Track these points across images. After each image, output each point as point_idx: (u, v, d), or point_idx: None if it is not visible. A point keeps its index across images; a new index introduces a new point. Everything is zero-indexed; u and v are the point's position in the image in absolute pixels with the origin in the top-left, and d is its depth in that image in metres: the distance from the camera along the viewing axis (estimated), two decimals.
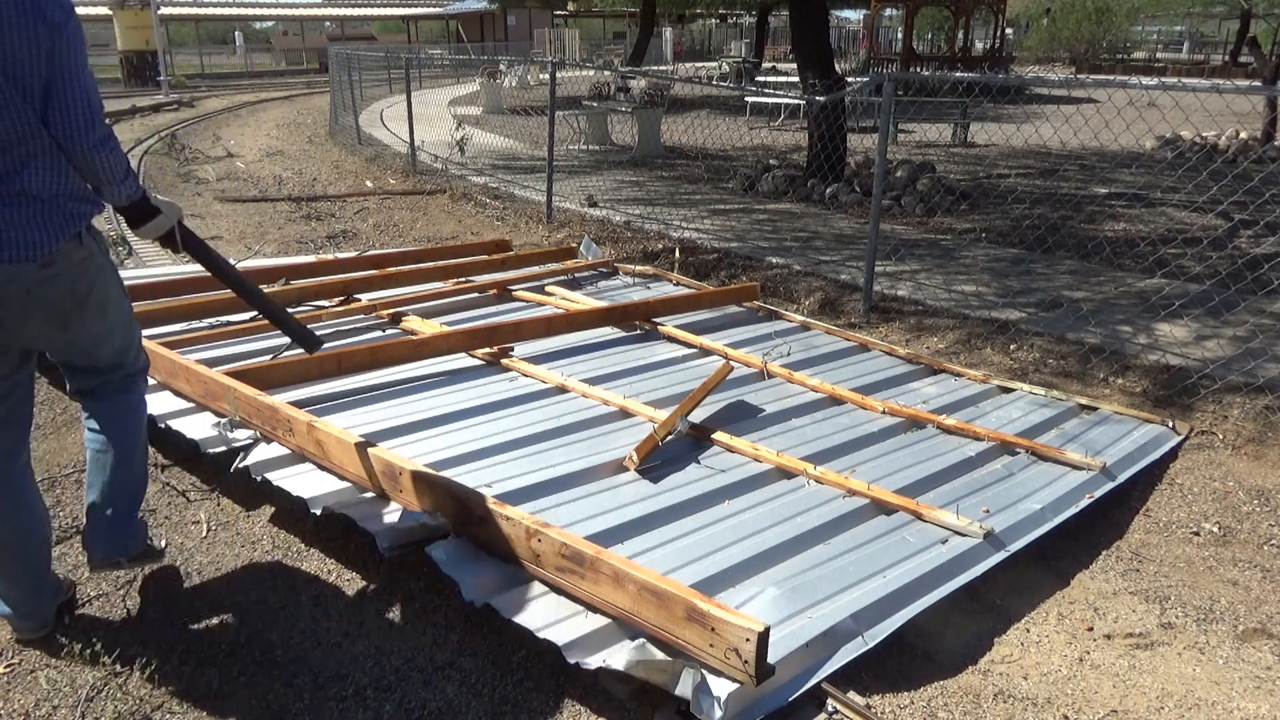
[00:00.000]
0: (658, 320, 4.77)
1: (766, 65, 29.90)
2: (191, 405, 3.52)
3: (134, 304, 4.52)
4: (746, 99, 17.64)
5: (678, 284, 5.65)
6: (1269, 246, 7.09)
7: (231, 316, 4.62)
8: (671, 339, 4.63)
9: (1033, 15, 41.45)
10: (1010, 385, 4.30)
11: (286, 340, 4.29)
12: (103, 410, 2.56)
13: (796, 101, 12.15)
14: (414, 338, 4.14)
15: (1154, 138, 13.01)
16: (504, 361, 4.14)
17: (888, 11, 32.93)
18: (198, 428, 3.33)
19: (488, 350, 4.21)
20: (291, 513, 3.19)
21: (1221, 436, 3.97)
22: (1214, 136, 13.06)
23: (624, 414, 3.68)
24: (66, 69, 2.19)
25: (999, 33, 26.34)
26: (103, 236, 2.50)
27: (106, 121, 2.32)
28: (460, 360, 4.17)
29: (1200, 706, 2.40)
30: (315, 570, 2.94)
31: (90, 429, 2.58)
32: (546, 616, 2.40)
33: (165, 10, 31.96)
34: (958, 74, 6.88)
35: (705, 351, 4.47)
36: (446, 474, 2.88)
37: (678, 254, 6.63)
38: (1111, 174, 10.96)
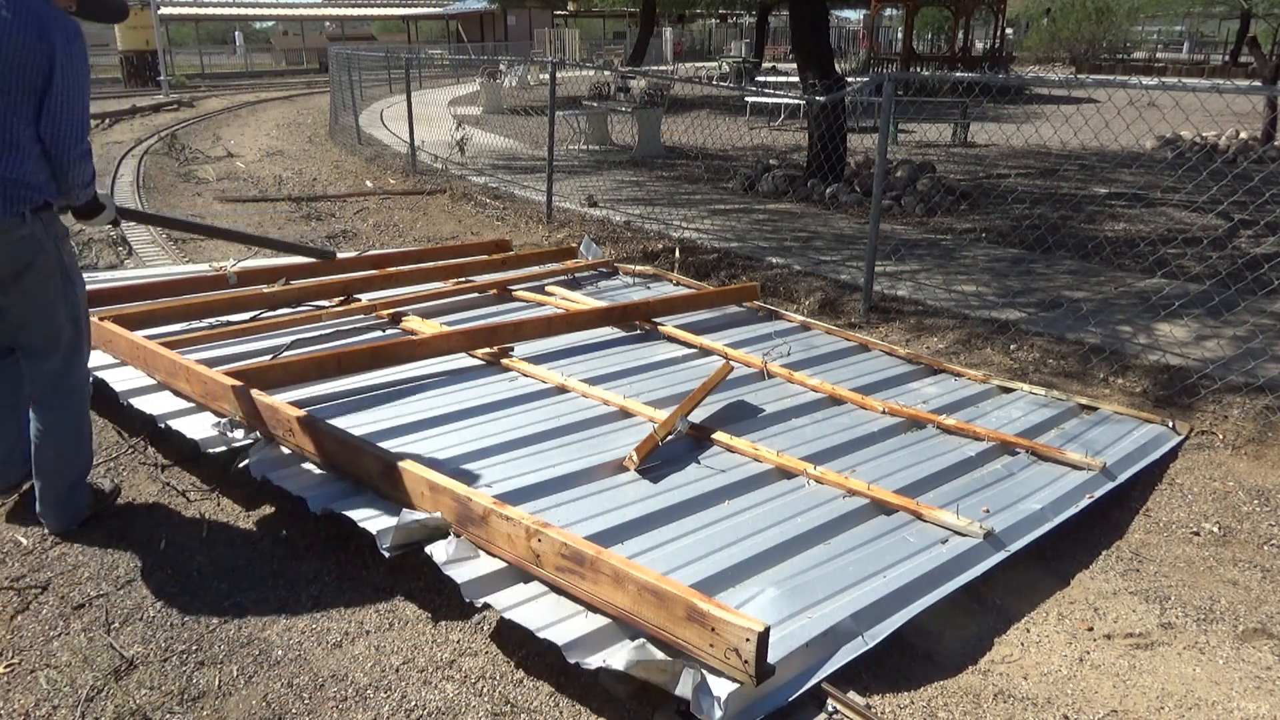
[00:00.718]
0: (658, 320, 4.77)
1: (766, 65, 29.89)
2: (191, 405, 3.52)
3: (133, 304, 4.57)
4: (746, 99, 17.63)
5: (678, 284, 5.65)
6: (1269, 246, 7.09)
7: (231, 316, 4.61)
8: (671, 339, 4.63)
9: (1033, 15, 41.46)
10: (1010, 385, 4.30)
11: (287, 340, 4.29)
12: (41, 398, 2.94)
13: (796, 101, 12.15)
14: (414, 338, 4.14)
15: (1154, 138, 13.01)
16: (504, 361, 4.14)
17: (888, 11, 32.93)
18: (198, 428, 3.33)
19: (488, 350, 4.21)
20: (291, 513, 3.19)
21: (1221, 436, 3.97)
22: (1214, 136, 13.06)
23: (624, 414, 3.68)
24: (66, 87, 2.63)
25: (999, 33, 26.35)
26: (56, 228, 2.83)
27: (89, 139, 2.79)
28: (460, 360, 4.17)
29: (1200, 706, 2.40)
30: (315, 570, 2.94)
31: (33, 415, 2.97)
32: (546, 616, 2.40)
33: (165, 10, 31.95)
34: (958, 74, 6.87)
35: (705, 351, 4.47)
36: (446, 473, 2.88)
37: (678, 254, 6.63)
38: (1111, 174, 10.96)
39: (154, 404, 3.54)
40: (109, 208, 3.05)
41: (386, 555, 2.65)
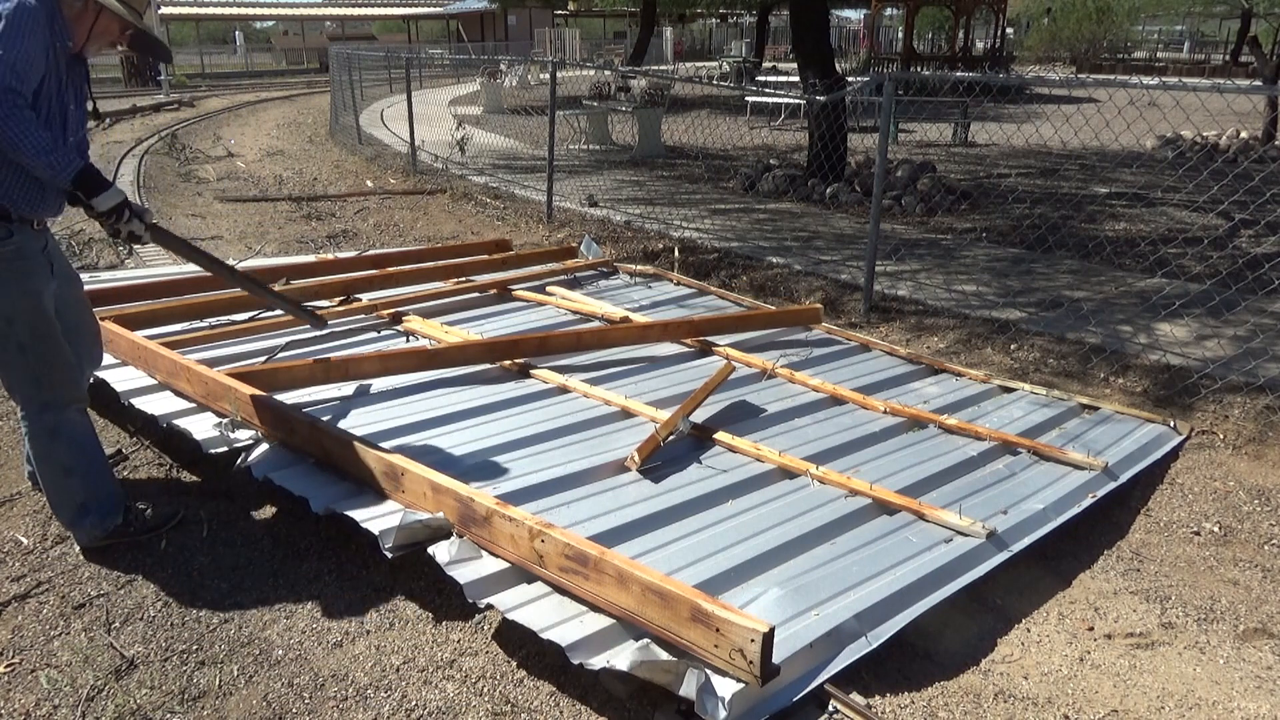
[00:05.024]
0: (710, 340, 4.51)
1: (767, 65, 29.88)
2: (193, 405, 3.52)
3: (134, 304, 4.57)
4: (747, 99, 17.63)
5: (678, 282, 5.65)
6: (1269, 246, 7.09)
7: (233, 316, 4.61)
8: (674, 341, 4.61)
9: (1033, 15, 41.45)
10: (1011, 385, 4.30)
11: (284, 341, 4.29)
12: (21, 426, 2.96)
13: (797, 101, 12.14)
14: (429, 347, 4.11)
15: (1154, 137, 13.00)
16: (504, 363, 4.13)
17: (888, 11, 32.93)
18: (199, 428, 3.33)
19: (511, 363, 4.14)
20: (292, 513, 3.19)
21: (1222, 436, 3.97)
22: (1215, 136, 13.05)
23: (625, 414, 3.68)
24: None
25: (999, 32, 26.34)
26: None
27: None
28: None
29: (1201, 706, 2.40)
30: (315, 570, 2.94)
31: None
32: (550, 617, 2.40)
33: (165, 10, 31.95)
34: (958, 74, 6.87)
35: (706, 351, 4.47)
36: (448, 474, 2.87)
37: (677, 253, 6.63)
38: (1112, 173, 10.96)
39: (155, 404, 3.54)
40: (113, 191, 2.70)
41: (389, 555, 2.64)
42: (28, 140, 2.44)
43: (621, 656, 2.21)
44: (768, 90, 12.57)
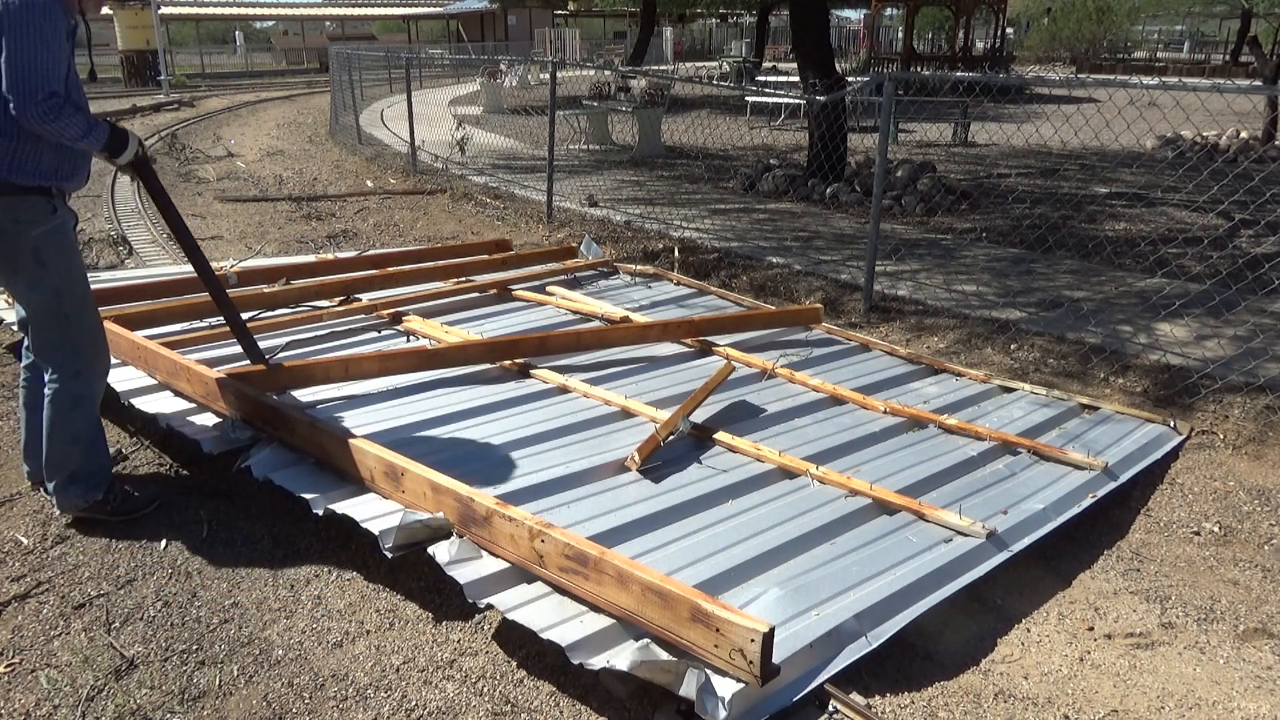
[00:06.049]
0: (710, 340, 4.52)
1: (767, 65, 29.89)
2: (193, 405, 3.52)
3: (134, 304, 4.56)
4: (747, 99, 17.63)
5: (678, 283, 5.65)
6: (1269, 246, 7.08)
7: None
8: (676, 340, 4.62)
9: (1033, 15, 41.46)
10: (1011, 385, 4.30)
11: (284, 341, 4.29)
12: (46, 389, 3.00)
13: (797, 101, 12.14)
14: (430, 347, 4.11)
15: (1154, 137, 13.01)
16: (504, 363, 4.13)
17: (888, 11, 32.94)
18: (199, 428, 3.33)
19: (511, 362, 4.15)
20: (292, 512, 3.19)
21: (1222, 436, 3.97)
22: (1215, 136, 13.05)
23: (625, 414, 3.68)
24: (14, 43, 2.56)
25: (999, 32, 26.35)
26: (18, 211, 2.75)
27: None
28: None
29: (1201, 706, 2.40)
30: (315, 570, 2.94)
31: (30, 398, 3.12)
32: (550, 617, 2.40)
33: (165, 10, 31.93)
34: (958, 74, 6.87)
35: (706, 351, 4.47)
36: (448, 474, 2.87)
37: (677, 253, 6.63)
38: (1112, 173, 10.96)
39: (155, 404, 3.54)
40: (132, 141, 2.96)
41: (389, 555, 2.64)
42: (70, 130, 2.71)
43: (621, 656, 2.21)
44: (768, 90, 12.58)
